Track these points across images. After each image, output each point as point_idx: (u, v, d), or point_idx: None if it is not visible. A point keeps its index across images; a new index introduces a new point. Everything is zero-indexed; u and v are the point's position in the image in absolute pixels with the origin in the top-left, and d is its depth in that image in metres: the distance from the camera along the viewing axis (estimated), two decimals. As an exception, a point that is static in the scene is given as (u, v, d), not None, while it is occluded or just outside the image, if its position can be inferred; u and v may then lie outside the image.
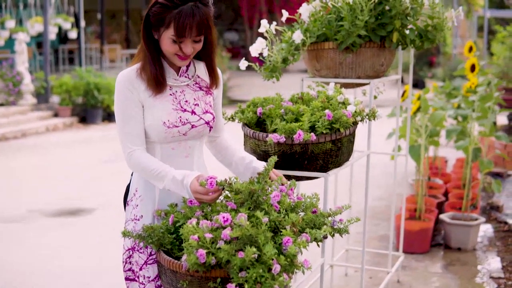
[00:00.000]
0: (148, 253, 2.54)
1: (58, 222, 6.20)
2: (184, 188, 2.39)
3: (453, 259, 5.16)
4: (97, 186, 7.70)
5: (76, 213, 6.52)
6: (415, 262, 5.08)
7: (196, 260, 2.05)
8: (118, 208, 6.74)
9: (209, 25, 2.37)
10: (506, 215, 6.33)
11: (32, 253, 5.29)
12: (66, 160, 9.43)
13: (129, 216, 2.60)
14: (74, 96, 12.97)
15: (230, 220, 2.11)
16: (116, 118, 2.48)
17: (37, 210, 6.58)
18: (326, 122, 2.76)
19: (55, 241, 5.66)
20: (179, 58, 2.41)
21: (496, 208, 6.52)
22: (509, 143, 8.12)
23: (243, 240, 2.07)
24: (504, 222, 6.11)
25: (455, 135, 6.00)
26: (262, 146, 2.88)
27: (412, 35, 3.40)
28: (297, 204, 2.38)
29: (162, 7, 2.35)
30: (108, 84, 13.13)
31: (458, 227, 5.36)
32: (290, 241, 2.12)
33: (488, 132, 5.80)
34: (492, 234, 5.83)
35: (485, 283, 4.64)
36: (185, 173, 2.40)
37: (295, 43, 3.41)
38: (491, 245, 5.51)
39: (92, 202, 6.93)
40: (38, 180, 8.15)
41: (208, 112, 2.54)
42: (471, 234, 5.37)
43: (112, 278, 4.65)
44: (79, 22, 15.55)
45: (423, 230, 5.27)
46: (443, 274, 4.84)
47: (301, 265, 2.15)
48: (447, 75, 16.73)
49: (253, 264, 2.05)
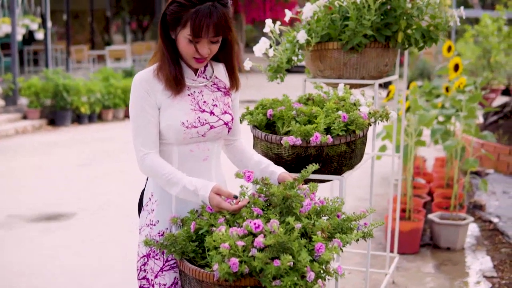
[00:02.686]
0: (164, 259, 2.46)
1: (38, 228, 6.03)
2: (197, 199, 2.32)
3: (444, 259, 5.15)
4: (75, 191, 7.51)
5: (56, 218, 6.35)
6: (407, 263, 5.06)
7: (228, 269, 1.97)
8: (98, 213, 6.62)
9: (228, 25, 2.30)
10: (490, 213, 6.36)
11: (11, 260, 5.14)
12: (39, 164, 9.21)
13: (144, 221, 2.52)
14: (42, 98, 12.70)
15: (262, 227, 2.04)
16: (131, 120, 2.41)
17: (16, 216, 6.39)
18: (342, 123, 2.71)
19: (36, 247, 5.50)
20: (196, 60, 2.34)
21: (480, 207, 6.55)
22: (489, 141, 8.18)
23: (276, 247, 2.00)
24: (489, 221, 6.14)
25: (440, 135, 6.03)
26: (274, 149, 2.82)
27: (418, 35, 3.36)
28: (322, 209, 2.32)
29: (179, 6, 2.28)
30: (77, 85, 12.89)
31: (448, 227, 5.36)
32: (323, 248, 2.06)
33: (473, 131, 5.82)
34: (479, 233, 5.85)
35: (479, 282, 4.64)
36: (197, 184, 2.32)
37: (299, 43, 3.35)
38: (479, 244, 5.53)
39: (71, 206, 6.75)
40: (12, 184, 7.94)
41: (227, 112, 2.46)
42: (460, 234, 5.38)
43: (97, 283, 4.54)
44: (46, 23, 15.26)
45: (414, 230, 5.26)
46: (436, 274, 4.83)
47: (334, 271, 2.09)
48: (414, 75, 16.86)
49: (287, 272, 1.99)
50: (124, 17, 28.76)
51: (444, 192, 6.22)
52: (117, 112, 13.97)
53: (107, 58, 17.96)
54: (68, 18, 17.01)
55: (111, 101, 13.70)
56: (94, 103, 13.30)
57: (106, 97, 13.58)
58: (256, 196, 2.34)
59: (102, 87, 13.54)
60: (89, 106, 13.20)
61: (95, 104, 13.31)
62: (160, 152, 2.44)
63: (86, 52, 18.36)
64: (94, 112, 13.41)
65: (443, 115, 6.15)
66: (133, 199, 2.95)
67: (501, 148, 8.12)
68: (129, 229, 5.61)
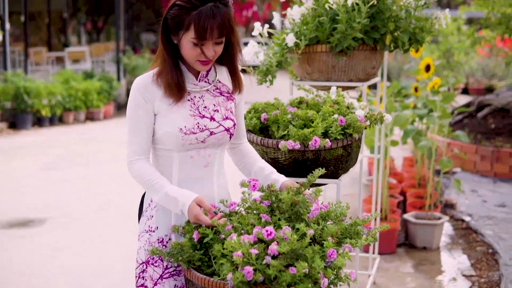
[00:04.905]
0: (164, 266, 2.42)
1: (8, 235, 5.88)
2: (176, 207, 2.28)
3: (422, 259, 5.20)
4: (44, 196, 7.36)
5: (27, 225, 6.21)
6: (385, 263, 5.08)
7: (242, 278, 1.93)
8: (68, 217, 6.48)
9: (231, 26, 2.26)
10: (461, 212, 6.45)
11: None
12: (2, 169, 9.01)
13: (143, 227, 2.47)
14: (2, 101, 12.44)
15: (274, 234, 2.01)
16: (127, 123, 2.38)
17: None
18: (339, 127, 2.70)
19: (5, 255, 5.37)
20: (200, 63, 2.29)
21: (451, 206, 6.63)
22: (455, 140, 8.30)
23: (290, 254, 1.97)
24: (461, 220, 6.22)
25: (412, 135, 6.07)
26: (271, 153, 2.79)
27: (406, 37, 3.37)
28: (327, 214, 2.30)
29: (181, 9, 2.23)
30: (38, 88, 12.66)
31: (424, 227, 5.41)
32: (335, 253, 2.04)
33: (446, 131, 5.89)
34: (453, 232, 5.92)
35: (459, 281, 4.69)
36: (179, 192, 2.29)
37: (288, 46, 3.33)
38: (454, 243, 5.59)
39: (41, 212, 6.61)
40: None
41: (228, 118, 2.42)
42: (436, 233, 5.43)
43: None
44: (4, 25, 14.94)
45: (391, 230, 5.29)
46: (416, 274, 4.87)
47: (346, 277, 2.08)
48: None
49: (300, 279, 1.96)
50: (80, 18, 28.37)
51: (416, 192, 6.28)
52: (78, 115, 13.77)
53: (66, 60, 17.67)
54: (26, 19, 16.64)
55: (72, 104, 13.51)
56: (55, 105, 13.09)
57: (67, 100, 13.39)
58: (258, 202, 2.31)
59: (63, 90, 13.35)
60: (50, 109, 12.98)
61: (56, 107, 13.10)
62: (160, 158, 2.40)
63: (45, 54, 18.04)
64: (55, 115, 13.20)
65: (415, 115, 6.20)
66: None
67: (467, 147, 8.24)
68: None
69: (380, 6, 3.32)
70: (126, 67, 16.84)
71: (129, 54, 17.29)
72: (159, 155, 2.41)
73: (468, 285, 4.61)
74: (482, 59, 17.63)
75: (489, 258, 5.10)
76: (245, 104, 2.59)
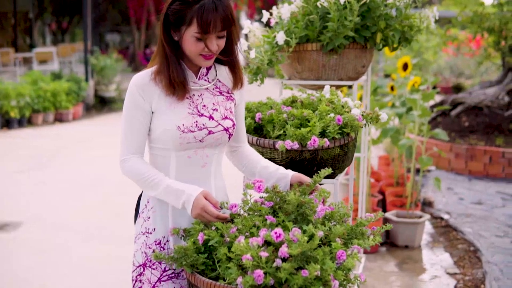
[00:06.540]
0: (162, 269, 2.37)
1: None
2: (178, 199, 2.23)
3: (404, 258, 5.20)
4: (18, 199, 7.21)
5: (2, 228, 6.07)
6: (368, 262, 5.08)
7: (253, 282, 1.89)
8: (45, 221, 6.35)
9: (233, 18, 2.23)
10: (439, 210, 6.48)
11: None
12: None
13: (139, 229, 2.41)
14: (-31, 102, 12.21)
15: (283, 236, 1.96)
16: (122, 121, 2.33)
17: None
18: (337, 126, 2.67)
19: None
20: (204, 58, 2.24)
21: (429, 204, 6.66)
22: (430, 139, 8.35)
23: (300, 257, 1.93)
24: (440, 218, 6.25)
25: (391, 134, 6.08)
26: (267, 153, 2.75)
27: (396, 36, 3.35)
28: (332, 215, 2.27)
29: (182, 3, 2.19)
30: (6, 89, 12.42)
31: (405, 225, 5.42)
32: (344, 255, 2.00)
33: (425, 130, 5.91)
34: (433, 230, 5.94)
35: (443, 279, 4.70)
36: (186, 185, 2.24)
37: (278, 44, 3.28)
38: (436, 241, 5.61)
39: (16, 216, 6.47)
40: None
41: (227, 118, 2.37)
42: (418, 232, 5.44)
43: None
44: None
45: (374, 229, 5.28)
46: (400, 272, 4.87)
47: (356, 278, 2.04)
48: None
49: (311, 282, 1.92)
50: (46, 18, 27.97)
51: (395, 191, 6.30)
52: (47, 116, 13.56)
53: (34, 60, 17.40)
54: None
55: (41, 105, 13.29)
56: (24, 107, 12.86)
57: (36, 101, 13.16)
58: (259, 204, 2.27)
59: (31, 91, 13.12)
60: (18, 110, 12.75)
61: (24, 108, 12.87)
62: (157, 158, 2.36)
63: (12, 55, 17.72)
64: (24, 116, 12.96)
65: (394, 113, 6.21)
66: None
67: (442, 145, 8.30)
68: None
69: (371, 4, 3.30)
70: (94, 67, 16.62)
71: (97, 55, 17.08)
72: (156, 155, 2.36)
73: (454, 283, 4.62)
74: (449, 58, 17.81)
75: (471, 256, 5.13)
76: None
